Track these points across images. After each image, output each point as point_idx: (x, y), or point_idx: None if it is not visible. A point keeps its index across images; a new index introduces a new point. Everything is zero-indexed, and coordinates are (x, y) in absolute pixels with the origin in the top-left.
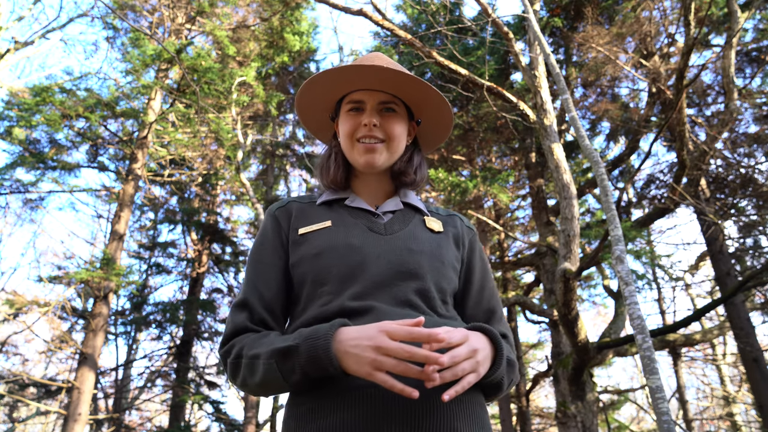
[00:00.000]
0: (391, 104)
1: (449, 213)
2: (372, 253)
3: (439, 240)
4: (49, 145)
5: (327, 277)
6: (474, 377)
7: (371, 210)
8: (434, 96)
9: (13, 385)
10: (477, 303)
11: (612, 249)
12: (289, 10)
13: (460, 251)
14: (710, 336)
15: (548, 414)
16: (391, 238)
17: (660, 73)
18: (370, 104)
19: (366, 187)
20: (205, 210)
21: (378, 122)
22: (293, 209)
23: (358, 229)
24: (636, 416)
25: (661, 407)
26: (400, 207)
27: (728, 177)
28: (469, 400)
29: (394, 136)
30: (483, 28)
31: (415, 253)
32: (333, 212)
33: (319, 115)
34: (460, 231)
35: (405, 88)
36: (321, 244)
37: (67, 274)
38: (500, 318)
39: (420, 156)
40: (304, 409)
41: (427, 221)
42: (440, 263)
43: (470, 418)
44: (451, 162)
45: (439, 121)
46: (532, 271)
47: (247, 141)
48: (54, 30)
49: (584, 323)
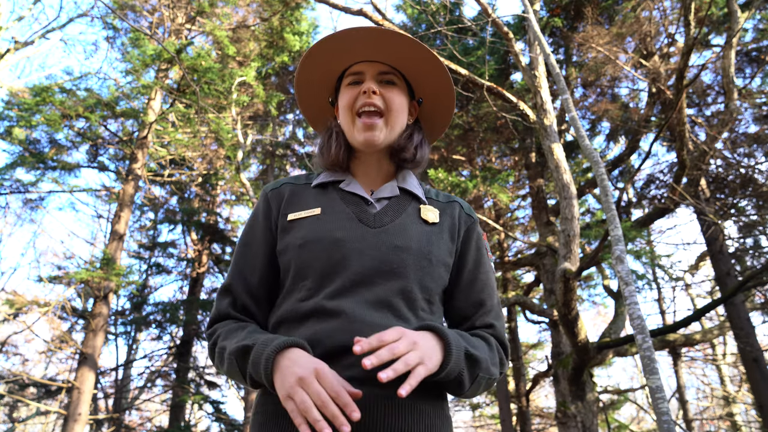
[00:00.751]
0: (390, 75)
1: (450, 199)
2: (356, 248)
3: (430, 234)
4: (49, 145)
5: (308, 271)
6: (423, 369)
7: (365, 197)
8: (434, 64)
9: (13, 385)
10: (466, 296)
11: (612, 249)
12: (289, 10)
13: (455, 242)
14: (710, 336)
15: (548, 414)
16: (378, 231)
17: (660, 73)
18: (369, 74)
19: (365, 168)
20: (205, 210)
21: (378, 90)
22: (286, 192)
23: (345, 219)
24: (636, 416)
25: (661, 407)
26: (396, 193)
27: (728, 177)
28: (424, 410)
29: (393, 107)
30: (483, 28)
31: (400, 251)
32: (325, 197)
33: (318, 98)
34: (457, 220)
35: (404, 54)
36: (306, 235)
37: (67, 274)
38: (490, 310)
39: (421, 135)
40: (270, 409)
41: (422, 210)
42: (427, 261)
43: (428, 430)
44: (451, 162)
45: (440, 97)
46: (532, 271)
47: (247, 141)
48: (54, 30)
49: (584, 323)
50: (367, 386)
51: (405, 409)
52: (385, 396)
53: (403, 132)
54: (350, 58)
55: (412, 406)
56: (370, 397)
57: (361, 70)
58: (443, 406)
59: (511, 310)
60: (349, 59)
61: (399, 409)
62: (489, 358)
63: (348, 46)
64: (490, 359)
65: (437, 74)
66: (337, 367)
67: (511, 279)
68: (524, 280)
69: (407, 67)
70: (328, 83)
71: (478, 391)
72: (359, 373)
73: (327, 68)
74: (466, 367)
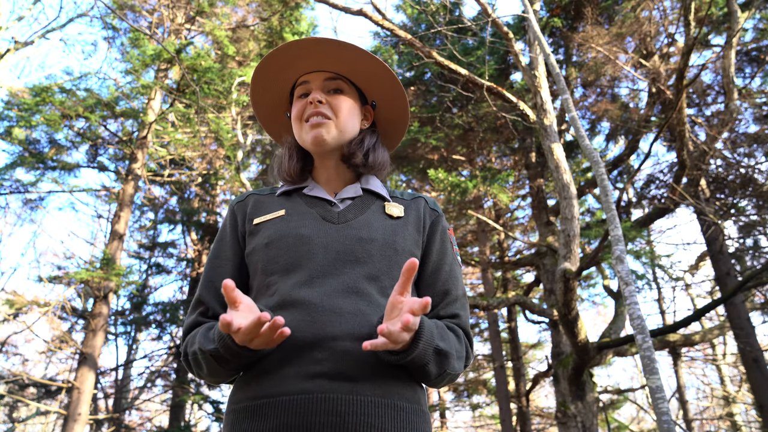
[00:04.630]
0: (337, 81)
1: (415, 196)
2: (321, 242)
3: (395, 227)
4: (49, 145)
5: (275, 267)
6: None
7: (328, 198)
8: (378, 66)
9: (13, 385)
10: (430, 285)
11: (612, 249)
12: (288, 10)
13: (421, 235)
14: (710, 336)
15: (548, 414)
16: (342, 227)
17: (660, 73)
18: (315, 84)
19: (327, 176)
20: (205, 210)
21: (324, 99)
22: (250, 202)
23: (310, 219)
24: (636, 416)
25: (661, 407)
26: (359, 194)
27: (728, 177)
28: (399, 406)
29: (341, 113)
30: (483, 28)
31: (365, 242)
32: (289, 201)
33: (276, 116)
34: (422, 213)
35: (348, 60)
36: (272, 234)
37: (67, 274)
38: (455, 300)
39: (374, 139)
40: (241, 407)
41: (387, 207)
42: (393, 251)
43: (403, 427)
44: (451, 162)
45: (392, 99)
46: (532, 271)
47: (247, 141)
48: (54, 30)
49: (584, 323)
50: (338, 382)
51: (379, 405)
52: (358, 392)
53: (355, 137)
54: (295, 72)
55: (386, 402)
56: (342, 393)
57: (308, 80)
58: (420, 402)
59: (511, 310)
60: (294, 73)
61: (373, 406)
62: (456, 352)
63: (291, 61)
64: (457, 354)
65: (383, 76)
66: (307, 362)
67: (511, 279)
68: (524, 280)
69: (353, 72)
70: (282, 99)
71: (442, 383)
72: (330, 368)
73: (276, 86)
74: (433, 360)
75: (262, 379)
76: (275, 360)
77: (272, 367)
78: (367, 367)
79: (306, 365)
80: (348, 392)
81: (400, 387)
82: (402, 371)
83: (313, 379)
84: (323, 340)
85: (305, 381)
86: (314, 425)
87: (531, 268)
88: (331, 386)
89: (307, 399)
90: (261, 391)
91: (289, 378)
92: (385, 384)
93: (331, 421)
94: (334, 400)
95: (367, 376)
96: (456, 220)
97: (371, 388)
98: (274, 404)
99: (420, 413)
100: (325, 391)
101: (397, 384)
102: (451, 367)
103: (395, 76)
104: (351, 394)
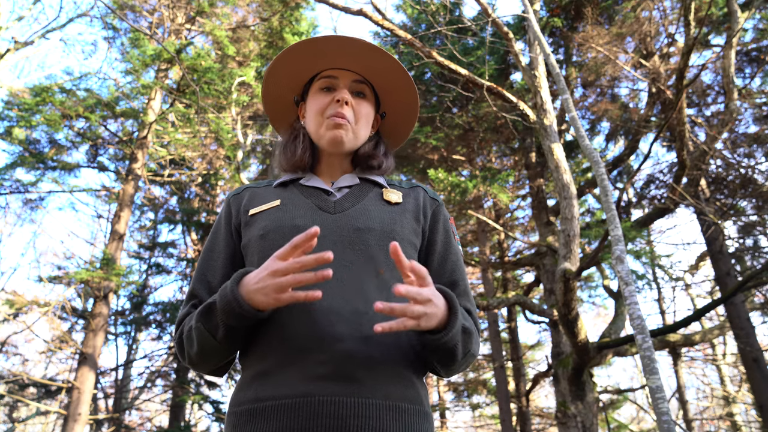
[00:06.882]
0: (362, 85)
1: (413, 185)
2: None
3: (393, 213)
4: (49, 145)
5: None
6: (413, 324)
7: (324, 188)
8: (405, 80)
9: (13, 385)
10: (438, 277)
11: (612, 249)
12: (288, 10)
13: (421, 223)
14: (710, 336)
15: (548, 414)
16: (339, 216)
17: (660, 73)
18: (343, 82)
19: (329, 171)
20: (205, 210)
21: (350, 101)
22: (246, 194)
23: (306, 209)
24: (636, 416)
25: (661, 407)
26: (356, 182)
27: (728, 177)
28: (402, 407)
29: (361, 118)
30: (483, 28)
31: (362, 232)
32: (285, 192)
33: (283, 96)
34: (422, 202)
35: (378, 67)
36: (267, 225)
37: (67, 274)
38: (463, 292)
39: (386, 146)
40: (242, 410)
41: (384, 193)
42: (391, 240)
43: (406, 429)
44: (451, 162)
45: (405, 114)
46: (532, 271)
47: (247, 141)
48: (54, 30)
49: (584, 323)
50: (340, 384)
51: (381, 407)
52: (360, 394)
53: (367, 142)
54: (326, 63)
55: (389, 404)
56: (344, 395)
57: (336, 76)
58: (423, 403)
59: (511, 310)
60: (324, 64)
61: (375, 409)
62: (477, 331)
63: (325, 51)
64: (477, 332)
65: (406, 90)
66: (309, 363)
67: (511, 279)
68: (524, 280)
69: (378, 80)
70: (297, 83)
71: (462, 367)
72: (332, 370)
73: (299, 68)
74: (461, 340)
75: (263, 382)
76: (277, 362)
77: (274, 370)
78: (369, 369)
79: (308, 367)
80: (350, 395)
81: (402, 388)
82: (405, 371)
83: (315, 382)
84: (324, 341)
85: (307, 383)
86: (316, 429)
87: (531, 268)
88: (333, 389)
89: (309, 402)
90: (263, 393)
91: (290, 380)
92: (388, 385)
93: (333, 424)
94: (336, 403)
95: (369, 378)
96: (456, 220)
97: (373, 390)
98: (275, 407)
99: (423, 414)
100: (327, 394)
101: (400, 385)
102: (473, 347)
103: (417, 98)
104: (353, 397)
